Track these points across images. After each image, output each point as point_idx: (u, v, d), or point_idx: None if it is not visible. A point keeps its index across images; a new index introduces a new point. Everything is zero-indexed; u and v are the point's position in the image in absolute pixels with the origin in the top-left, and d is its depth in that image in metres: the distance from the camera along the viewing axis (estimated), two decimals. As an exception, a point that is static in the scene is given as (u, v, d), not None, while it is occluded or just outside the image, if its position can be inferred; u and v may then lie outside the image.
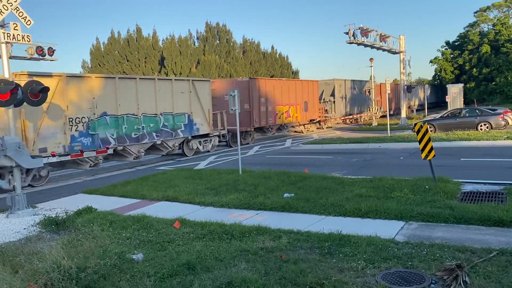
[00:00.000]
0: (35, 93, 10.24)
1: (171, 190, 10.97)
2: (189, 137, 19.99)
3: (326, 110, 34.11)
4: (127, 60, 47.49)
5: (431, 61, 62.08)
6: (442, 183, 9.67)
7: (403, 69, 33.62)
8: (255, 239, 6.74)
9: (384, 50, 31.74)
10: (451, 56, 59.22)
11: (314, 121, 32.34)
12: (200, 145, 20.80)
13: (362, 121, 40.08)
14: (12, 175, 11.30)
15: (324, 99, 34.54)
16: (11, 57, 14.02)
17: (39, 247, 6.37)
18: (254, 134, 25.27)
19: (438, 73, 61.41)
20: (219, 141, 22.82)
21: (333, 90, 35.01)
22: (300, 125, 30.56)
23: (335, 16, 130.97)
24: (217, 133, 21.71)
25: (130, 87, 17.14)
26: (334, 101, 34.69)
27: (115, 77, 16.70)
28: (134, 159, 17.29)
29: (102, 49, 47.93)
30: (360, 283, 5.01)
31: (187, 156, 20.01)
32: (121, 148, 16.67)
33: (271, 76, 50.81)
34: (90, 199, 10.82)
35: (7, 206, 9.98)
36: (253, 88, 24.51)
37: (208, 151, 21.28)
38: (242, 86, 23.92)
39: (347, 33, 27.28)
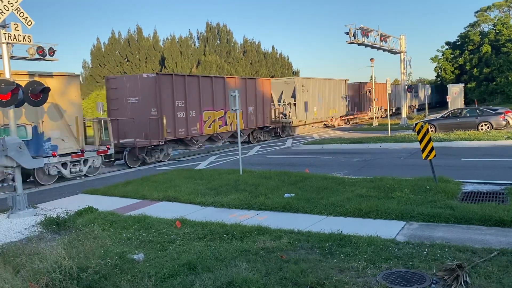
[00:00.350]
0: (36, 94, 10.26)
1: (171, 190, 10.98)
2: None
3: (285, 115, 28.54)
4: (128, 60, 47.56)
5: (431, 59, 62.11)
6: (442, 183, 9.67)
7: (404, 69, 33.63)
8: (255, 239, 6.74)
9: (384, 50, 31.76)
10: (452, 56, 59.18)
11: (267, 129, 26.67)
12: (66, 169, 14.40)
13: (337, 125, 35.42)
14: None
15: (283, 101, 29.17)
16: (12, 58, 14.01)
17: (40, 247, 6.37)
18: (168, 149, 19.08)
19: (439, 73, 61.40)
20: (116, 159, 17.26)
21: (294, 91, 29.63)
22: (244, 134, 24.22)
23: (335, 16, 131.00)
24: (94, 151, 15.29)
25: None
26: (295, 104, 29.51)
27: None
28: None
29: (103, 49, 48.01)
30: (361, 283, 5.02)
31: (44, 185, 13.88)
32: None
33: (272, 76, 50.82)
34: (91, 199, 10.83)
35: (8, 206, 9.99)
36: (164, 88, 18.55)
37: (86, 176, 15.27)
38: (147, 85, 18.47)
39: (347, 33, 27.29)
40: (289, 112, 28.97)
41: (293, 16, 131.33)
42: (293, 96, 29.52)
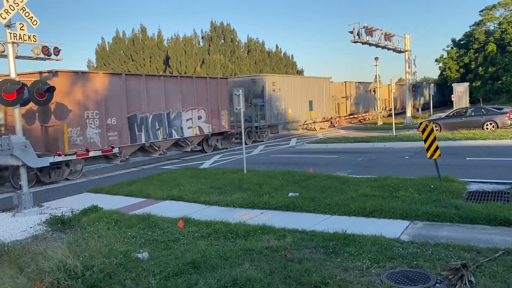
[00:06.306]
0: (41, 93, 10.30)
1: (176, 189, 11.00)
2: None
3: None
4: (132, 60, 47.66)
5: (436, 60, 61.87)
6: (447, 183, 9.64)
7: (409, 68, 33.50)
8: (260, 238, 6.75)
9: (389, 49, 31.64)
10: (457, 55, 58.90)
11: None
12: None
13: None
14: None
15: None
16: (17, 57, 14.09)
17: (45, 246, 6.41)
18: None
19: (444, 72, 61.14)
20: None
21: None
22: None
23: (340, 15, 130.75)
24: None
25: None
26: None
27: None
28: None
29: (107, 49, 48.16)
30: (365, 283, 5.01)
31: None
32: None
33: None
34: (95, 198, 10.87)
35: (13, 205, 10.05)
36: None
37: None
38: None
39: (351, 32, 27.20)
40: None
41: (297, 15, 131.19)
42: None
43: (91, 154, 15.09)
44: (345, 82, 37.67)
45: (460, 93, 34.55)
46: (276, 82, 27.12)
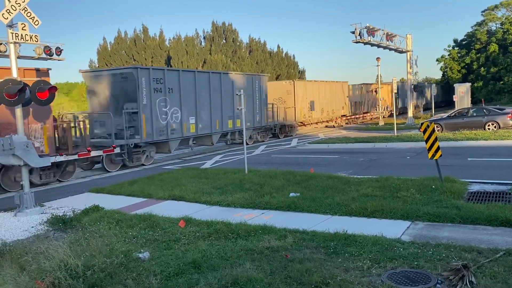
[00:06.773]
0: (42, 92, 10.31)
1: (177, 189, 11.01)
2: None
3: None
4: (134, 60, 47.73)
5: (437, 60, 61.77)
6: (448, 183, 9.63)
7: (410, 68, 33.48)
8: (260, 238, 6.75)
9: (390, 49, 31.64)
10: (458, 55, 58.79)
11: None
12: None
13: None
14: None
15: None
16: (19, 57, 14.08)
17: (46, 246, 6.42)
18: None
19: (445, 72, 61.03)
20: None
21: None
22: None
23: (341, 15, 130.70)
24: None
25: None
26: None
27: None
28: None
29: (109, 49, 48.25)
30: (365, 283, 5.01)
31: None
32: None
33: (277, 77, 50.70)
34: (97, 198, 10.88)
35: (15, 204, 10.07)
36: None
37: None
38: None
39: (353, 33, 27.22)
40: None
41: (298, 15, 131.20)
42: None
43: None
44: (293, 80, 30.96)
45: (462, 93, 34.51)
46: (165, 78, 17.84)
